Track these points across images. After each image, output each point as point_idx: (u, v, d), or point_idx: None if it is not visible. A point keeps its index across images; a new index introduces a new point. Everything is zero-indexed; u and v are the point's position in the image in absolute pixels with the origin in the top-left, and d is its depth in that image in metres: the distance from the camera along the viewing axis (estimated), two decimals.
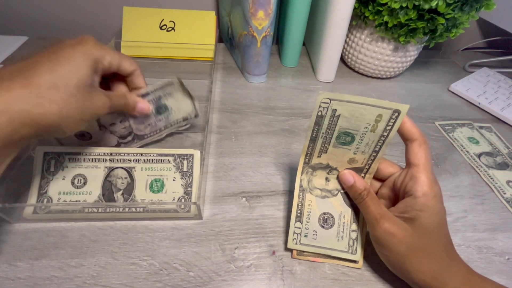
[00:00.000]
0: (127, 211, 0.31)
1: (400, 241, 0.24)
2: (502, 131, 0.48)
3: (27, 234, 0.29)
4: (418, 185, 0.25)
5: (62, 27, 0.63)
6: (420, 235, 0.24)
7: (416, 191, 0.25)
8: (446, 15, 0.43)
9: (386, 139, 0.26)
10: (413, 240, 0.24)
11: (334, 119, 0.25)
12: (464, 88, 0.55)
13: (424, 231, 0.24)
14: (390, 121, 0.25)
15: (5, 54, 0.53)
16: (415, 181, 0.25)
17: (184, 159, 0.33)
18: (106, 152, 0.32)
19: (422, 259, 0.24)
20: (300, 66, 0.59)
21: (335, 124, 0.26)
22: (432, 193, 0.25)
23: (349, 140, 0.27)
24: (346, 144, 0.27)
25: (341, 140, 0.27)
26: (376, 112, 0.25)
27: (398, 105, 0.24)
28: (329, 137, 0.27)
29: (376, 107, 0.24)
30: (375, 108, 0.24)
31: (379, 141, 0.27)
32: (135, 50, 0.55)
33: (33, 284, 0.26)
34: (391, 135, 0.26)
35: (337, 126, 0.26)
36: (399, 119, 0.25)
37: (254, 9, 0.43)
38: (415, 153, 0.26)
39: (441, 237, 0.25)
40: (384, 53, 0.51)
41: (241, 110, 0.47)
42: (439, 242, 0.25)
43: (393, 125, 0.25)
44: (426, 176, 0.25)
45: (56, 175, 0.31)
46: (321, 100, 0.24)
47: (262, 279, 0.28)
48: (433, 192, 0.25)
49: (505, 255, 0.31)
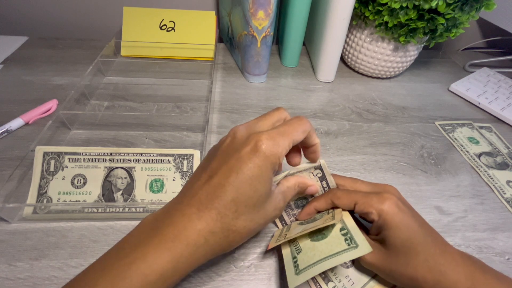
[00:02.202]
0: (127, 211, 0.31)
1: (383, 267, 0.24)
2: (502, 131, 0.48)
3: (27, 234, 0.29)
4: (370, 207, 0.24)
5: (62, 27, 0.63)
6: (397, 252, 0.24)
7: (371, 214, 0.24)
8: (446, 15, 0.43)
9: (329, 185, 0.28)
10: (392, 261, 0.24)
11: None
12: (464, 88, 0.55)
13: (398, 247, 0.23)
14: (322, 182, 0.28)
15: (5, 54, 0.53)
16: (364, 206, 0.25)
17: (184, 159, 0.33)
18: (106, 152, 0.32)
19: (414, 270, 0.23)
20: (300, 66, 0.59)
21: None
22: (384, 205, 0.24)
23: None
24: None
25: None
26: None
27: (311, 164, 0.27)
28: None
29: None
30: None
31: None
32: (135, 50, 0.55)
33: (33, 284, 0.26)
34: (331, 182, 0.28)
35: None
36: (324, 171, 0.27)
37: (254, 9, 0.43)
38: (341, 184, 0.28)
39: (420, 244, 0.23)
40: (384, 53, 0.51)
41: (241, 110, 0.47)
42: (420, 250, 0.23)
43: (325, 178, 0.28)
44: (368, 195, 0.25)
45: (56, 175, 0.31)
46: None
47: (262, 279, 0.28)
48: (384, 203, 0.24)
49: (505, 255, 0.31)
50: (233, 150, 0.22)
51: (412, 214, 0.25)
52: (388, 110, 0.50)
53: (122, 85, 0.49)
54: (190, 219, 0.21)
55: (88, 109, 0.44)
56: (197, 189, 0.22)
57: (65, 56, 0.54)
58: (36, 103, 0.43)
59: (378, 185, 0.27)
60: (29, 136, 0.39)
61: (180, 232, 0.20)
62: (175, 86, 0.50)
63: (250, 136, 0.22)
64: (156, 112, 0.45)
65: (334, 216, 0.26)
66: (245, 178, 0.21)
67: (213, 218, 0.21)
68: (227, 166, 0.22)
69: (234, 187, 0.21)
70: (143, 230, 0.21)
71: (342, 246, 0.24)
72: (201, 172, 0.23)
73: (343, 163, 0.40)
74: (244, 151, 0.22)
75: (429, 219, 0.34)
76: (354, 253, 0.23)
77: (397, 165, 0.40)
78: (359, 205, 0.25)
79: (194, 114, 0.45)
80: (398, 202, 0.24)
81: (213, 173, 0.22)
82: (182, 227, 0.20)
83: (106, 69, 0.51)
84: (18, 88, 0.46)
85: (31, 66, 0.51)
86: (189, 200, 0.22)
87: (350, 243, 0.24)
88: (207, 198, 0.21)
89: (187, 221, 0.20)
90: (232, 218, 0.21)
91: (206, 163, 0.24)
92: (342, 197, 0.26)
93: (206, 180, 0.22)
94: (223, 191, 0.21)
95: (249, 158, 0.21)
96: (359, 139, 0.44)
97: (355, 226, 0.25)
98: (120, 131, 0.41)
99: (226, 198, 0.21)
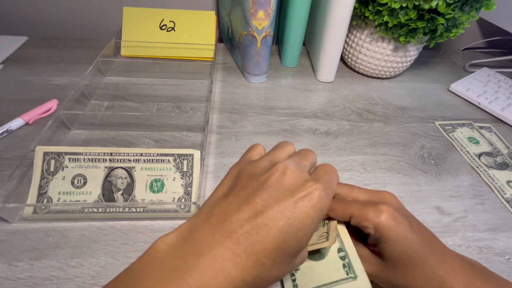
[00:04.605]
0: (127, 211, 0.31)
1: (381, 278, 0.24)
2: (502, 131, 0.48)
3: (27, 234, 0.29)
4: (366, 220, 0.23)
5: (62, 27, 0.63)
6: (395, 265, 0.23)
7: (367, 228, 0.23)
8: (446, 15, 0.43)
9: None
10: (390, 273, 0.24)
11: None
12: (464, 88, 0.55)
13: (395, 260, 0.23)
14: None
15: (5, 54, 0.53)
16: (360, 219, 0.24)
17: (184, 159, 0.33)
18: (106, 152, 0.32)
19: (412, 282, 0.23)
20: (300, 66, 0.59)
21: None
22: (380, 218, 0.23)
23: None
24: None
25: None
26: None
27: None
28: None
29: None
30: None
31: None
32: (135, 50, 0.55)
33: (33, 284, 0.26)
34: None
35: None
36: None
37: (254, 9, 0.43)
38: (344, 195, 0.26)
39: (418, 256, 0.23)
40: (384, 53, 0.51)
41: (241, 110, 0.47)
42: (418, 263, 0.23)
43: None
44: (364, 208, 0.24)
45: (56, 175, 0.31)
46: None
47: None
48: (380, 216, 0.23)
49: (506, 255, 0.31)
50: (285, 191, 0.20)
51: (410, 224, 0.24)
52: (388, 110, 0.50)
53: (122, 85, 0.49)
54: (223, 265, 0.17)
55: (88, 109, 0.44)
56: (235, 225, 0.18)
57: (65, 56, 0.54)
58: (36, 103, 0.43)
59: (375, 192, 0.26)
60: (29, 136, 0.39)
61: (210, 281, 0.16)
62: (175, 86, 0.50)
63: (307, 182, 0.20)
64: (156, 112, 0.45)
65: (328, 233, 0.25)
66: (296, 228, 0.18)
67: (250, 265, 0.17)
68: (278, 208, 0.19)
69: (282, 235, 0.18)
70: (157, 267, 0.17)
71: (340, 274, 0.24)
72: (239, 203, 0.19)
73: (343, 163, 0.40)
74: (299, 197, 0.19)
75: (429, 219, 0.34)
76: (352, 285, 0.23)
77: (397, 165, 0.40)
78: (355, 218, 0.24)
79: (194, 114, 0.45)
80: (395, 213, 0.23)
81: (258, 210, 0.19)
82: (212, 274, 0.17)
83: (106, 69, 0.51)
84: (18, 88, 0.46)
85: (31, 66, 0.51)
86: (223, 238, 0.18)
87: (348, 272, 0.24)
88: (247, 240, 0.18)
89: (219, 268, 0.17)
90: (268, 268, 0.18)
91: (246, 193, 0.20)
92: (337, 209, 0.25)
93: (249, 217, 0.18)
94: (269, 237, 0.18)
95: (304, 206, 0.19)
96: (359, 139, 0.44)
97: (353, 249, 0.25)
98: (120, 131, 0.41)
99: (270, 245, 0.18)
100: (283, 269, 0.20)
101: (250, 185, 0.20)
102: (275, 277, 0.19)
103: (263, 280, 0.19)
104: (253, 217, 0.18)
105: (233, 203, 0.20)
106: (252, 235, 0.18)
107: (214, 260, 0.17)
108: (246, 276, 0.17)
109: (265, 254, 0.18)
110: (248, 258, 0.17)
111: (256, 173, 0.21)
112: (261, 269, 0.18)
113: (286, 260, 0.19)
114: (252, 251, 0.18)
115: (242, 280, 0.17)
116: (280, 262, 0.19)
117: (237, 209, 0.19)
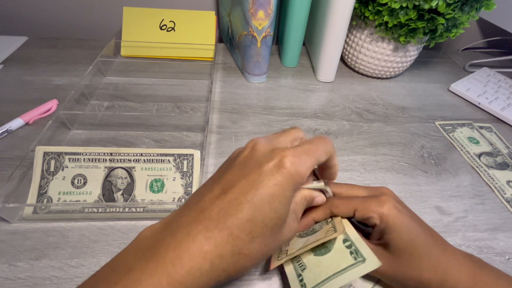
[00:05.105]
0: (127, 211, 0.31)
1: (388, 272, 0.24)
2: (502, 131, 0.48)
3: (27, 234, 0.29)
4: (370, 211, 0.24)
5: (62, 27, 0.63)
6: (401, 255, 0.23)
7: (372, 218, 0.24)
8: (446, 15, 0.43)
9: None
10: (397, 265, 0.24)
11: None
12: (464, 88, 0.55)
13: (401, 250, 0.23)
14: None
15: (5, 54, 0.53)
16: (364, 211, 0.24)
17: (184, 159, 0.33)
18: (106, 152, 0.32)
19: (419, 272, 0.23)
20: (300, 66, 0.59)
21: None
22: (383, 208, 0.23)
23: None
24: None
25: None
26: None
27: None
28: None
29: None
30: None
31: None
32: (135, 50, 0.55)
33: (33, 284, 0.26)
34: (327, 192, 0.27)
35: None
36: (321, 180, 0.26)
37: (254, 9, 0.43)
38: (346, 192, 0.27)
39: (422, 244, 0.23)
40: (384, 53, 0.51)
41: (241, 110, 0.47)
42: (423, 251, 0.23)
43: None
44: (366, 201, 0.24)
45: (56, 175, 0.31)
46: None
47: (263, 279, 0.28)
48: (383, 206, 0.24)
49: (506, 255, 0.31)
50: (254, 164, 0.20)
51: (411, 215, 0.25)
52: (388, 110, 0.50)
53: (122, 85, 0.49)
54: (195, 239, 0.18)
55: (88, 109, 0.44)
56: (207, 203, 0.19)
57: (65, 56, 0.54)
58: (36, 103, 0.43)
59: (374, 188, 0.27)
60: (29, 136, 0.39)
61: (182, 254, 0.17)
62: (175, 86, 0.50)
63: (274, 151, 0.20)
64: (156, 112, 0.45)
65: (335, 227, 0.25)
66: (266, 196, 0.19)
67: (223, 239, 0.18)
68: (246, 181, 0.19)
69: (252, 205, 0.18)
70: (139, 248, 0.19)
71: (349, 261, 0.23)
72: (212, 183, 0.21)
73: (343, 163, 0.40)
74: (267, 166, 0.19)
75: (429, 219, 0.34)
76: (362, 268, 0.22)
77: (397, 165, 0.40)
78: (359, 211, 0.24)
79: (194, 114, 0.45)
80: (396, 204, 0.24)
81: (228, 186, 0.19)
82: (185, 248, 0.17)
83: (106, 69, 0.51)
84: (18, 88, 0.46)
85: (31, 66, 0.51)
86: (197, 216, 0.19)
87: (356, 257, 0.23)
88: (219, 215, 0.18)
89: (191, 242, 0.17)
90: (245, 241, 0.18)
91: (219, 175, 0.21)
92: (341, 205, 0.26)
93: (219, 194, 0.19)
94: (239, 209, 0.18)
95: (272, 175, 0.19)
96: (359, 139, 0.44)
97: (358, 237, 0.24)
98: (120, 131, 0.41)
99: (242, 217, 0.18)
100: (265, 243, 0.19)
101: (224, 168, 0.22)
102: (258, 252, 0.19)
103: (245, 255, 0.19)
104: (224, 193, 0.19)
105: (208, 185, 0.21)
106: (223, 209, 0.18)
107: (187, 236, 0.18)
108: (221, 250, 0.18)
109: (238, 227, 0.18)
110: (220, 232, 0.18)
111: (232, 157, 0.23)
112: (237, 243, 0.18)
113: (267, 233, 0.19)
114: (224, 225, 0.18)
115: (218, 256, 0.18)
116: (259, 235, 0.19)
117: (210, 189, 0.20)
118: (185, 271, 0.17)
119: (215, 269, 0.18)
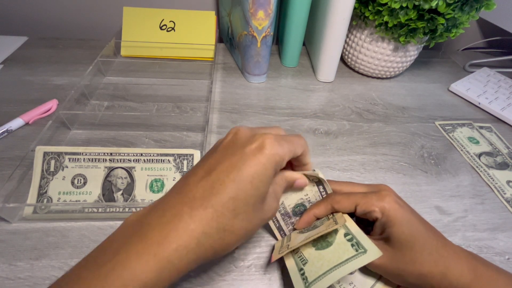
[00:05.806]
0: (127, 211, 0.31)
1: (390, 267, 0.24)
2: (502, 131, 0.48)
3: (27, 234, 0.29)
4: (372, 205, 0.24)
5: (62, 27, 0.63)
6: (402, 248, 0.24)
7: (373, 212, 0.24)
8: (446, 15, 0.43)
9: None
10: (398, 259, 0.24)
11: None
12: (464, 88, 0.55)
13: (402, 243, 0.24)
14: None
15: (5, 54, 0.53)
16: (366, 206, 0.25)
17: (184, 159, 0.33)
18: (106, 152, 0.32)
19: (420, 266, 0.23)
20: (300, 66, 0.59)
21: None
22: (384, 202, 0.24)
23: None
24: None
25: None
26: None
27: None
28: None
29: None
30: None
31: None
32: (135, 50, 0.55)
33: (33, 284, 0.26)
34: (327, 188, 0.28)
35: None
36: (322, 180, 0.27)
37: (254, 9, 0.43)
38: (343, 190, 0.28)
39: (423, 238, 0.24)
40: (384, 53, 0.51)
41: (241, 110, 0.47)
42: (424, 244, 0.24)
43: (322, 184, 0.27)
44: (367, 195, 0.25)
45: (56, 175, 0.31)
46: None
47: (262, 279, 0.28)
48: (384, 200, 0.24)
49: (506, 255, 0.31)
50: (236, 147, 0.21)
51: (411, 210, 0.25)
52: (388, 110, 0.50)
53: (122, 85, 0.49)
54: (181, 219, 0.18)
55: (88, 109, 0.44)
56: (191, 185, 0.20)
57: (65, 56, 0.55)
58: (36, 103, 0.43)
59: (373, 185, 0.28)
60: (29, 136, 0.39)
61: (169, 234, 0.18)
62: (175, 86, 0.50)
63: (256, 135, 0.22)
64: (156, 112, 0.45)
65: (336, 220, 0.26)
66: (248, 176, 0.20)
67: (208, 217, 0.19)
68: (229, 162, 0.20)
69: (235, 184, 0.19)
70: (125, 232, 0.19)
71: (350, 253, 0.23)
72: (196, 169, 0.22)
73: (343, 163, 0.40)
74: (249, 148, 0.21)
75: (429, 219, 0.34)
76: (364, 258, 0.22)
77: (397, 165, 0.40)
78: (361, 206, 0.25)
79: (194, 114, 0.45)
80: (397, 198, 0.25)
81: (211, 168, 0.20)
82: (171, 228, 0.18)
83: (106, 69, 0.51)
84: (18, 88, 0.46)
85: (31, 66, 0.51)
86: (182, 198, 0.20)
87: (358, 249, 0.23)
88: (203, 195, 0.19)
89: (177, 221, 0.18)
90: (229, 218, 0.19)
91: (203, 161, 0.22)
92: (342, 200, 0.26)
93: (203, 176, 0.20)
94: (222, 188, 0.19)
95: (254, 155, 0.20)
96: (359, 139, 0.44)
97: (359, 230, 0.25)
98: (120, 131, 0.41)
99: (225, 195, 0.19)
100: (248, 219, 0.20)
101: (208, 154, 0.23)
102: (242, 228, 0.20)
103: (230, 231, 0.20)
104: (207, 174, 0.20)
105: (192, 170, 0.22)
106: (207, 189, 0.19)
107: (173, 217, 0.19)
108: (206, 228, 0.19)
109: (222, 205, 0.19)
110: (205, 211, 0.19)
111: (216, 145, 0.24)
112: (221, 220, 0.19)
113: (249, 210, 0.20)
114: (208, 204, 0.19)
115: (203, 233, 0.18)
116: (242, 212, 0.20)
117: (194, 173, 0.21)
118: (172, 250, 0.17)
119: (201, 247, 0.18)
